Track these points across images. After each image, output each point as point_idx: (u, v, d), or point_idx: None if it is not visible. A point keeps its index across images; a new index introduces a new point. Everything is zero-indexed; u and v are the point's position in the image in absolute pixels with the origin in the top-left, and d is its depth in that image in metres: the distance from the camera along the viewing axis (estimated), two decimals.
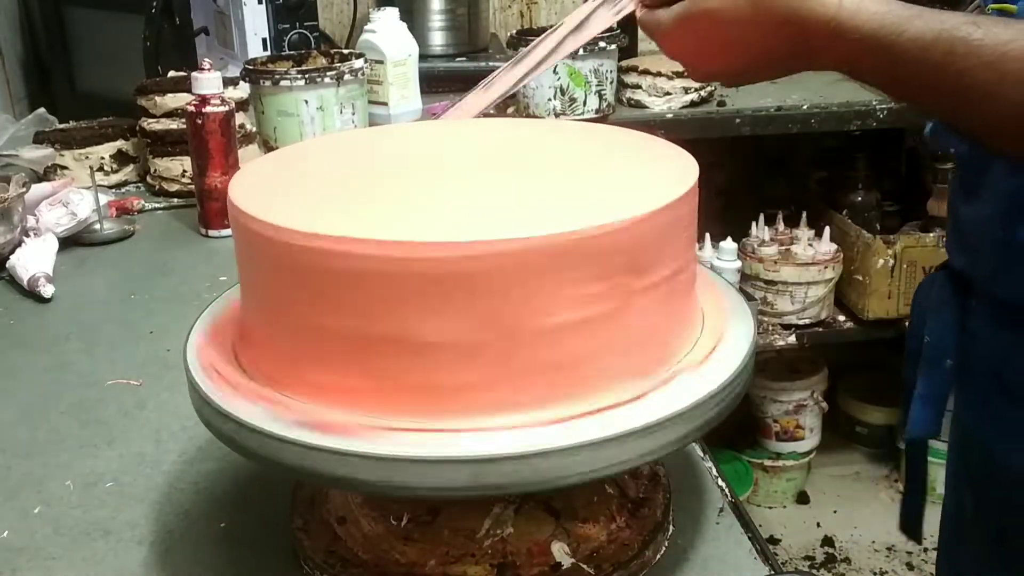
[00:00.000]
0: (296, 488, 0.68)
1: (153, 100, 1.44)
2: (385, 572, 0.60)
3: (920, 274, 1.85)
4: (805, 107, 1.81)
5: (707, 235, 2.02)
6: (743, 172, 2.34)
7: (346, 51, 1.55)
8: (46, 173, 1.47)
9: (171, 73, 1.52)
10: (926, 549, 2.03)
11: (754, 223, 2.06)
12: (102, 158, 1.50)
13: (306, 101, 1.40)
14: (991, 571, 0.88)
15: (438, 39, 1.97)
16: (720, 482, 0.73)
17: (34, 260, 1.14)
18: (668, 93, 1.80)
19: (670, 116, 1.79)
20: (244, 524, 0.70)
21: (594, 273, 0.52)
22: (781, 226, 2.07)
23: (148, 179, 1.50)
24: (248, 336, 0.61)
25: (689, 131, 1.75)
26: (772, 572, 0.64)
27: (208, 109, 1.24)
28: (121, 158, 1.52)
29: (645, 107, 1.81)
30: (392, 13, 1.66)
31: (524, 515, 0.61)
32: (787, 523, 2.22)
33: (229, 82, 1.41)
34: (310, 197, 0.59)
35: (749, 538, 0.67)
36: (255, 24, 1.69)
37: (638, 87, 1.81)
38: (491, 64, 1.85)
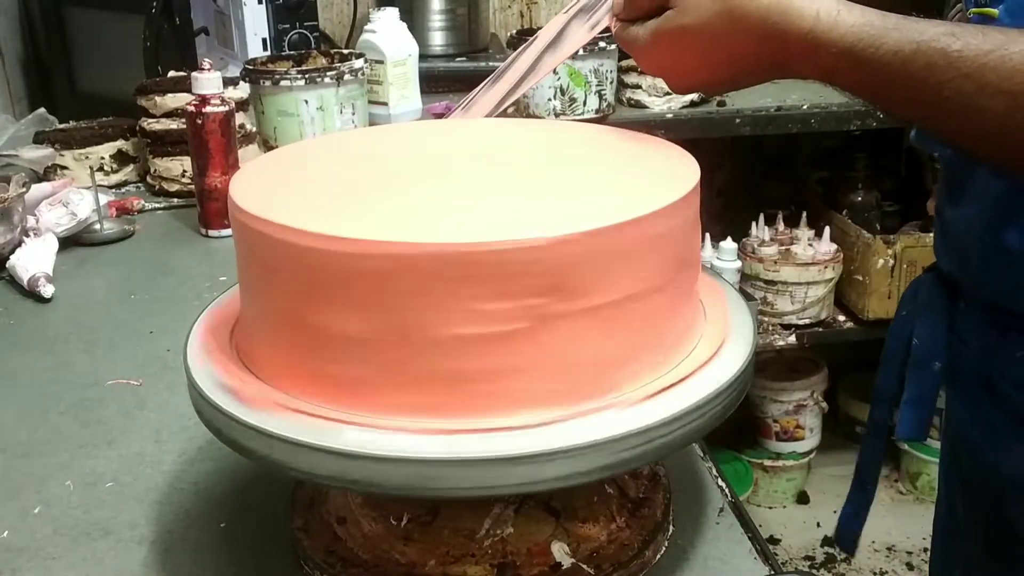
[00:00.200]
0: (296, 488, 0.68)
1: (153, 100, 1.44)
2: (385, 572, 0.60)
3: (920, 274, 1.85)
4: (805, 107, 1.82)
5: (707, 235, 2.02)
6: (743, 172, 2.34)
7: (346, 51, 1.55)
8: (46, 173, 1.47)
9: (171, 73, 1.52)
10: (926, 549, 2.03)
11: (754, 223, 2.06)
12: (102, 158, 1.50)
13: (306, 101, 1.40)
14: (983, 572, 0.88)
15: (438, 39, 1.97)
16: (720, 482, 0.73)
17: (34, 260, 1.14)
18: (668, 93, 1.80)
19: (670, 116, 1.79)
20: (244, 524, 0.70)
21: (494, 291, 0.50)
22: (781, 226, 2.07)
23: (148, 179, 1.49)
24: (248, 335, 0.61)
25: (689, 131, 1.75)
26: (772, 572, 0.64)
27: (208, 109, 1.24)
28: (121, 158, 1.52)
29: (645, 107, 1.81)
30: (392, 13, 1.66)
31: (524, 515, 0.62)
32: (787, 523, 2.22)
33: (229, 82, 1.42)
34: (310, 197, 0.59)
35: (749, 538, 0.67)
36: (255, 24, 1.69)
37: (638, 87, 1.81)
38: (491, 64, 1.85)
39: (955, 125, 0.60)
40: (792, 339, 2.00)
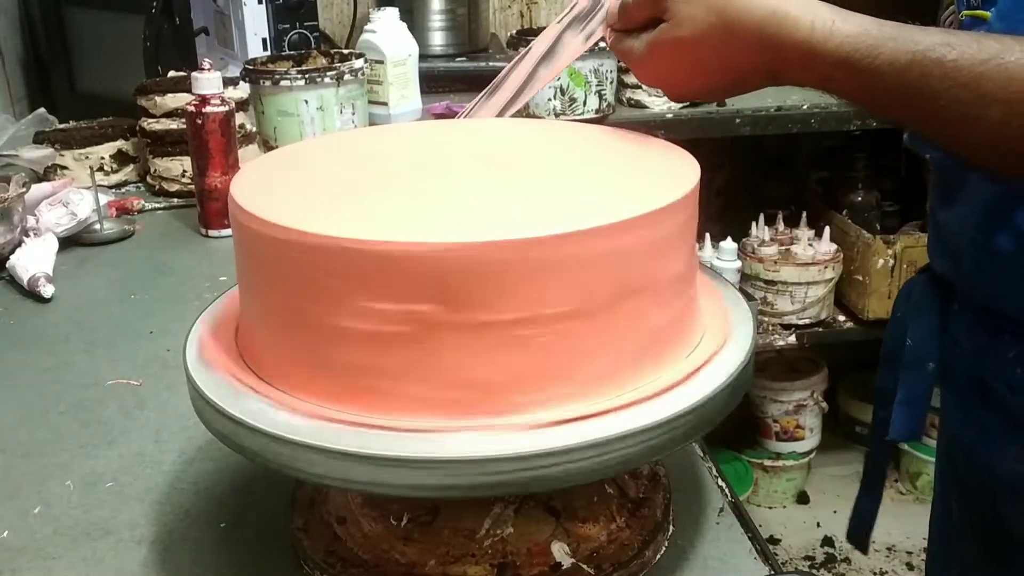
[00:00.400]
0: (296, 488, 0.68)
1: (153, 100, 1.44)
2: (385, 572, 0.60)
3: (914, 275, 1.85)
4: (805, 107, 1.82)
5: (707, 235, 2.03)
6: (743, 172, 2.34)
7: (346, 51, 1.55)
8: (46, 173, 1.47)
9: (171, 73, 1.52)
10: (926, 549, 2.03)
11: (754, 223, 2.07)
12: (102, 158, 1.50)
13: (306, 101, 1.40)
14: (980, 572, 0.89)
15: (438, 39, 1.97)
16: (720, 482, 0.73)
17: (34, 260, 1.14)
18: None
19: (670, 116, 1.79)
20: (244, 524, 0.70)
21: (381, 292, 0.50)
22: (781, 226, 2.07)
23: (148, 179, 1.50)
24: (248, 335, 0.61)
25: (689, 131, 1.75)
26: (772, 572, 0.64)
27: (208, 109, 1.24)
28: (121, 158, 1.52)
29: (645, 107, 1.81)
30: (392, 13, 1.66)
31: (524, 515, 0.62)
32: (787, 523, 2.22)
33: (229, 82, 1.42)
34: (310, 196, 0.59)
35: (749, 538, 0.67)
36: (255, 24, 1.69)
37: (638, 87, 1.81)
38: (491, 64, 1.85)
39: (951, 133, 0.60)
40: (792, 339, 2.00)
